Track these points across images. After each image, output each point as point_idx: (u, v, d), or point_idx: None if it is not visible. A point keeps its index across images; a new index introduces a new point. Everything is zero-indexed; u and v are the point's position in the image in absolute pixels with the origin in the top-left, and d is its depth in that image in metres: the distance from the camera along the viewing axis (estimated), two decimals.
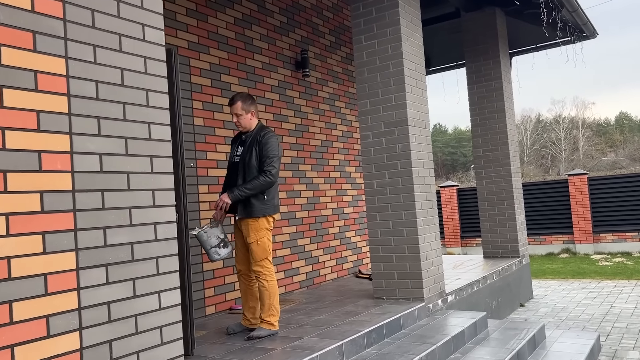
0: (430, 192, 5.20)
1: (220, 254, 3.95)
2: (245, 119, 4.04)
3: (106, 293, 2.27)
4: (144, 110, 2.52)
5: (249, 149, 3.97)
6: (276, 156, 3.95)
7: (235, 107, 4.02)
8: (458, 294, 5.60)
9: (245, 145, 4.02)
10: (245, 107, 4.03)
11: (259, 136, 3.98)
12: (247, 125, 4.05)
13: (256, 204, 3.91)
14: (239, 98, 4.04)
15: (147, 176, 2.50)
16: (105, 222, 2.29)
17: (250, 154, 3.95)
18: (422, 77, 5.32)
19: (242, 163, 3.96)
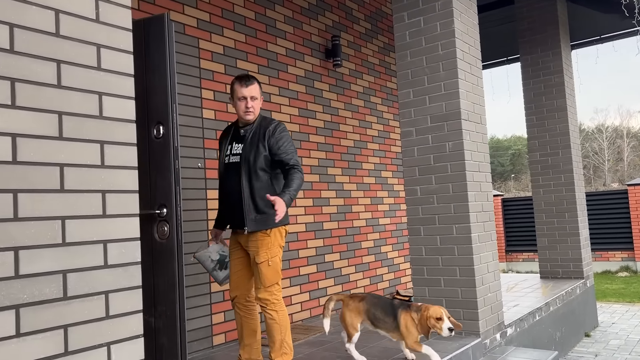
0: (487, 201, 4.26)
1: (218, 277, 3.16)
2: (259, 105, 3.23)
3: (15, 351, 1.45)
4: (93, 75, 1.71)
5: (252, 146, 3.11)
6: (294, 151, 3.14)
7: (253, 88, 3.18)
8: (518, 325, 4.62)
9: (246, 141, 3.14)
10: (260, 90, 3.25)
11: (267, 129, 3.13)
12: (257, 114, 3.22)
13: (268, 211, 3.05)
14: (254, 78, 3.23)
15: (94, 171, 1.69)
16: (17, 239, 1.48)
17: (256, 153, 3.09)
18: (477, 62, 4.40)
19: (246, 164, 3.10)
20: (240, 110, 3.17)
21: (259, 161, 3.07)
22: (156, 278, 2.79)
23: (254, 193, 3.06)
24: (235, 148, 3.19)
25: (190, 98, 4.04)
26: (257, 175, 3.07)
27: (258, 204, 3.06)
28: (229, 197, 3.17)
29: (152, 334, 2.78)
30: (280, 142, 3.09)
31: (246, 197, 3.06)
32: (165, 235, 2.77)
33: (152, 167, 2.82)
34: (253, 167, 3.07)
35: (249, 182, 3.07)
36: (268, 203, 3.02)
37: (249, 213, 3.05)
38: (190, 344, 3.82)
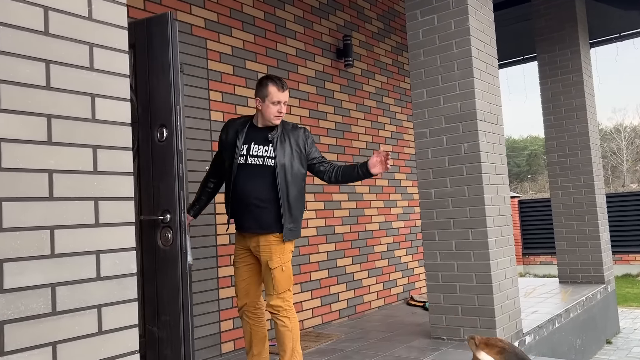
0: (504, 204, 4.11)
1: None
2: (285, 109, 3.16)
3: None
4: (84, 75, 1.61)
5: (285, 150, 3.01)
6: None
7: (288, 93, 3.09)
8: (537, 332, 4.46)
9: (276, 145, 3.00)
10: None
11: (297, 134, 3.07)
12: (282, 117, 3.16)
13: (299, 221, 3.07)
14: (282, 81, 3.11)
15: (85, 177, 1.59)
16: (1, 250, 1.39)
17: (291, 158, 3.02)
18: (493, 61, 4.26)
19: (282, 168, 2.98)
20: (271, 113, 3.01)
21: (295, 168, 3.02)
22: (160, 286, 2.70)
23: (290, 200, 2.98)
24: (255, 149, 3.02)
25: (198, 100, 3.95)
26: (294, 182, 3.01)
27: (293, 212, 3.00)
28: (244, 202, 3.01)
29: (155, 344, 2.69)
30: (313, 145, 3.15)
31: (283, 204, 2.96)
32: (168, 241, 2.67)
33: (155, 171, 2.73)
34: (290, 171, 3.00)
35: (286, 188, 2.98)
36: (300, 212, 3.07)
37: (285, 222, 2.96)
38: (198, 352, 3.73)
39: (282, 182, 2.97)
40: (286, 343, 2.99)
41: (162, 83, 2.73)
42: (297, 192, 3.02)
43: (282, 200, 2.96)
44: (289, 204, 2.98)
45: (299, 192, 3.04)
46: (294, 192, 3.01)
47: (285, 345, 2.99)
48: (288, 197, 2.98)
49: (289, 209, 2.98)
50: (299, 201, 3.03)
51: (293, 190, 3.00)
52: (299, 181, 3.04)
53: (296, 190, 3.02)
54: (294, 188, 3.01)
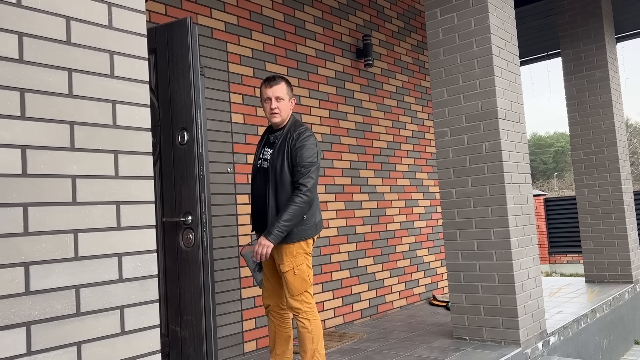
0: (527, 204, 4.06)
1: (257, 279, 3.11)
2: (287, 107, 3.08)
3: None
4: (105, 83, 1.66)
5: (279, 153, 2.99)
6: (314, 164, 2.95)
7: (278, 88, 3.03)
8: (562, 333, 4.40)
9: (275, 146, 3.03)
10: (288, 91, 3.10)
11: (292, 136, 3.00)
12: (285, 116, 3.08)
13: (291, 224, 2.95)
14: (281, 78, 3.11)
15: (107, 182, 1.63)
16: (28, 254, 1.44)
17: (282, 160, 2.97)
18: (515, 59, 4.21)
19: (273, 171, 2.99)
20: (266, 112, 3.08)
21: (285, 171, 2.95)
22: (182, 287, 2.74)
23: (278, 204, 2.96)
24: (265, 153, 3.10)
25: (219, 102, 4.00)
26: (282, 184, 2.95)
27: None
28: (255, 203, 3.11)
29: (178, 343, 2.74)
30: (299, 151, 2.93)
31: (271, 207, 2.96)
32: (190, 243, 2.72)
33: (177, 174, 2.78)
34: (279, 176, 2.95)
35: (274, 191, 2.96)
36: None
37: (270, 225, 2.93)
38: (221, 351, 3.78)
39: (271, 185, 2.96)
40: (306, 344, 3.01)
41: (183, 87, 2.78)
42: (286, 195, 2.94)
43: (269, 203, 2.95)
44: (276, 207, 2.94)
45: (289, 194, 2.93)
46: (284, 195, 2.94)
47: (306, 346, 3.01)
48: (276, 201, 2.95)
49: (276, 212, 2.93)
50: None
51: (282, 193, 2.94)
52: (288, 184, 2.95)
53: (286, 193, 2.94)
54: (284, 191, 2.94)
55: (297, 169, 2.92)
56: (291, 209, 2.86)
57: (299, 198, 2.87)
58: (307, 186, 2.89)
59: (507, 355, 3.59)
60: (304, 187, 2.89)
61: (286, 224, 2.85)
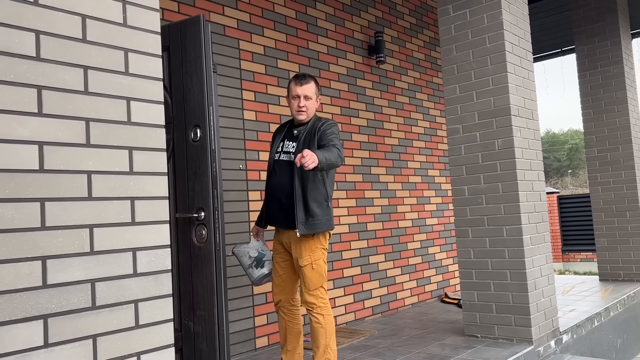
0: (540, 201, 4.04)
1: (253, 275, 3.13)
2: (313, 106, 3.16)
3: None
4: (120, 80, 1.68)
5: (306, 145, 3.03)
6: (339, 141, 3.03)
7: (307, 87, 3.10)
8: (575, 331, 4.37)
9: (299, 140, 3.08)
10: (317, 90, 3.18)
11: (319, 128, 3.06)
12: (311, 114, 3.16)
13: (319, 213, 2.98)
14: (311, 77, 3.17)
15: (122, 178, 1.66)
16: (45, 248, 1.47)
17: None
18: (528, 55, 4.18)
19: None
20: (293, 108, 3.13)
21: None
22: (195, 282, 2.77)
23: (305, 194, 2.99)
24: (286, 146, 3.13)
25: (231, 99, 4.02)
26: (309, 175, 2.99)
27: (310, 205, 2.98)
28: (275, 196, 3.11)
29: (191, 338, 2.77)
30: (325, 133, 3.00)
31: (298, 198, 2.98)
32: (203, 239, 2.75)
33: (190, 170, 2.80)
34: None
35: (301, 182, 2.99)
36: (320, 204, 2.99)
37: (300, 216, 2.96)
38: (233, 347, 3.81)
39: (297, 178, 3.00)
40: (319, 339, 3.03)
41: (196, 84, 2.80)
42: (314, 185, 2.99)
43: (296, 195, 2.98)
44: (303, 199, 2.98)
45: (316, 184, 2.99)
46: (311, 186, 2.99)
47: (319, 341, 3.03)
48: (303, 192, 2.98)
49: (303, 202, 2.98)
50: (317, 193, 2.99)
51: (309, 184, 2.99)
52: (316, 173, 2.98)
53: (313, 184, 2.99)
54: (309, 180, 2.99)
55: (325, 142, 2.96)
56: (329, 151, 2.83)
57: (335, 149, 2.88)
58: (338, 147, 2.91)
59: (519, 353, 3.58)
60: (336, 147, 2.90)
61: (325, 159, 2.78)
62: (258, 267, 3.16)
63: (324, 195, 3.03)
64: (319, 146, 2.99)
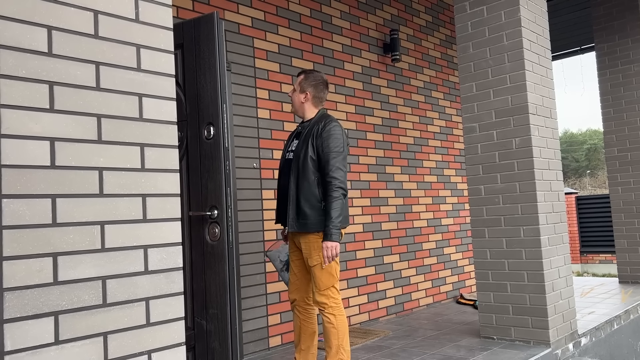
0: (558, 201, 3.96)
1: (284, 279, 3.14)
2: (296, 98, 3.17)
3: (54, 358, 1.43)
4: (132, 76, 1.67)
5: (304, 143, 3.02)
6: (340, 153, 2.96)
7: (295, 79, 3.22)
8: (594, 334, 4.28)
9: (301, 137, 3.08)
10: (303, 84, 3.15)
11: (318, 127, 3.02)
12: (296, 107, 3.19)
13: (312, 214, 2.96)
14: (304, 72, 3.21)
15: (134, 175, 1.65)
16: (56, 245, 1.46)
17: (305, 150, 2.99)
18: (546, 52, 4.10)
19: (296, 162, 3.02)
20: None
21: (307, 161, 2.98)
22: (208, 280, 2.76)
23: (298, 193, 2.98)
24: (292, 145, 3.15)
25: (245, 98, 4.01)
26: (305, 174, 2.97)
27: (301, 204, 2.96)
28: (280, 195, 3.14)
29: (204, 337, 2.76)
30: (326, 141, 2.96)
31: (291, 196, 2.99)
32: (216, 237, 2.73)
33: (203, 168, 2.79)
34: (302, 165, 2.98)
35: (296, 180, 2.99)
36: (313, 205, 2.96)
37: (291, 213, 2.98)
38: (246, 346, 3.80)
39: (293, 175, 3.00)
40: (331, 339, 3.00)
41: (209, 82, 2.79)
42: (307, 184, 2.96)
43: (290, 192, 2.99)
44: (296, 197, 2.97)
45: (310, 184, 2.96)
46: (305, 185, 2.96)
47: (331, 341, 3.00)
48: (297, 190, 2.98)
49: (296, 201, 2.97)
50: (309, 193, 2.96)
51: (304, 183, 2.96)
52: (310, 173, 2.96)
53: (307, 183, 2.96)
54: (305, 181, 2.96)
55: (325, 159, 2.95)
56: (333, 206, 2.89)
57: (335, 192, 2.90)
58: (338, 178, 2.92)
59: (537, 355, 3.52)
60: (335, 179, 2.91)
61: (337, 220, 2.89)
62: (288, 271, 3.17)
63: (318, 195, 2.97)
64: (318, 156, 2.97)
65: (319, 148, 2.97)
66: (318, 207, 2.96)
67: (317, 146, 2.98)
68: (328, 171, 2.93)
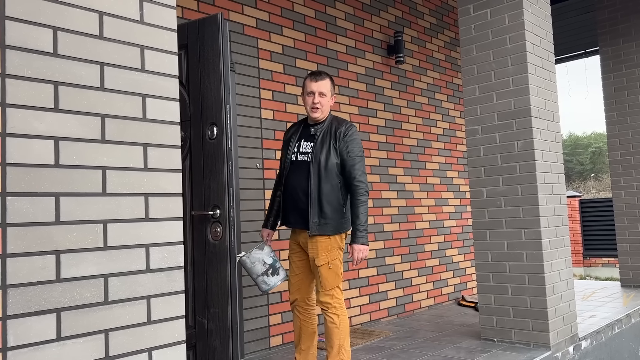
0: (560, 204, 3.97)
1: (269, 283, 3.06)
2: (328, 103, 3.13)
3: (56, 355, 1.45)
4: (136, 77, 1.69)
5: (323, 146, 3.03)
6: (363, 158, 3.08)
7: (323, 84, 3.09)
8: (594, 337, 4.28)
9: (317, 140, 3.06)
10: (331, 88, 3.15)
11: (339, 130, 3.04)
12: (326, 112, 3.14)
13: (334, 217, 3.00)
14: (327, 74, 3.16)
15: (136, 174, 1.67)
16: (59, 242, 1.48)
17: (327, 153, 3.01)
18: (550, 56, 4.11)
19: (317, 164, 3.01)
20: (308, 105, 3.12)
21: (330, 163, 3.00)
22: (209, 279, 2.78)
23: (321, 196, 2.99)
24: (304, 146, 3.12)
25: (249, 98, 4.03)
26: (327, 177, 2.99)
27: (324, 208, 2.98)
28: (292, 196, 3.09)
29: (205, 335, 2.78)
30: (350, 145, 3.02)
31: (313, 199, 2.99)
32: (218, 236, 2.75)
33: (206, 168, 2.81)
34: (324, 169, 2.99)
35: (317, 184, 2.99)
36: (335, 208, 3.00)
37: (313, 216, 2.98)
38: (247, 345, 3.82)
39: (314, 178, 3.00)
40: (333, 339, 3.01)
41: (213, 82, 2.81)
42: (331, 188, 2.99)
43: (311, 195, 2.99)
44: (318, 200, 2.98)
45: (333, 187, 3.00)
46: (327, 188, 2.99)
47: (333, 341, 3.02)
48: (319, 194, 2.99)
49: (318, 205, 2.98)
50: (332, 197, 3.00)
51: (326, 186, 2.99)
52: (334, 177, 3.01)
53: (330, 186, 2.99)
54: (327, 184, 2.99)
55: (349, 163, 3.01)
56: (361, 210, 3.00)
57: (363, 196, 3.01)
58: (364, 182, 3.03)
59: (537, 358, 3.52)
60: (362, 183, 3.01)
61: (366, 223, 3.03)
62: (274, 275, 3.10)
63: (340, 199, 3.03)
64: (342, 160, 3.02)
65: (343, 152, 3.01)
66: (339, 211, 3.02)
67: (341, 150, 3.02)
68: (355, 175, 3.00)
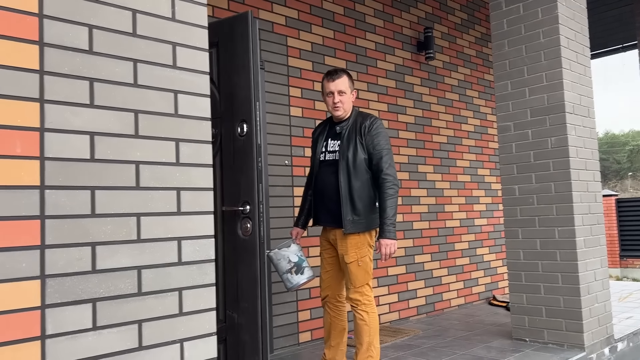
0: (595, 202, 3.87)
1: (292, 282, 3.03)
2: (349, 100, 3.10)
3: (92, 344, 1.49)
4: (168, 73, 1.72)
5: (350, 143, 3.02)
6: (390, 151, 3.02)
7: (340, 82, 3.06)
8: (631, 339, 4.17)
9: (343, 137, 3.06)
10: (350, 84, 3.13)
11: (364, 125, 3.02)
12: (348, 109, 3.11)
13: (365, 213, 2.99)
14: (343, 71, 3.14)
15: (169, 169, 1.70)
16: (95, 235, 1.52)
17: (355, 149, 2.99)
18: (585, 50, 4.01)
19: (345, 161, 3.00)
20: (329, 105, 3.11)
21: (358, 159, 2.98)
22: (240, 274, 2.81)
23: (352, 193, 2.98)
24: (331, 145, 3.12)
25: (278, 96, 4.06)
26: (356, 174, 2.98)
27: (356, 205, 2.98)
28: (322, 195, 3.11)
29: (235, 329, 2.81)
30: (376, 139, 2.98)
31: (344, 197, 2.98)
32: (248, 232, 2.78)
33: (236, 164, 2.85)
34: (352, 166, 2.98)
35: (347, 181, 2.99)
36: (367, 204, 2.99)
37: (346, 214, 2.97)
38: (276, 340, 3.85)
39: (343, 176, 2.99)
40: (363, 336, 3.01)
41: (243, 80, 2.83)
42: (361, 184, 2.98)
43: (342, 193, 2.98)
44: (350, 197, 2.97)
45: (363, 183, 2.99)
46: (357, 184, 2.98)
47: (362, 338, 3.01)
48: (349, 191, 2.98)
49: (350, 202, 2.97)
50: (363, 193, 2.99)
51: (356, 183, 2.98)
52: (363, 172, 2.99)
53: (360, 182, 2.98)
54: (357, 181, 2.98)
55: (376, 157, 2.98)
56: (389, 203, 2.93)
57: (390, 190, 2.94)
58: (392, 175, 2.97)
59: (571, 359, 3.45)
60: (390, 176, 2.96)
61: (394, 217, 2.95)
62: (298, 274, 3.07)
63: (371, 194, 3.02)
64: (369, 155, 2.99)
65: (369, 147, 2.99)
66: (370, 207, 3.00)
67: (367, 145, 2.99)
68: (382, 168, 2.96)
